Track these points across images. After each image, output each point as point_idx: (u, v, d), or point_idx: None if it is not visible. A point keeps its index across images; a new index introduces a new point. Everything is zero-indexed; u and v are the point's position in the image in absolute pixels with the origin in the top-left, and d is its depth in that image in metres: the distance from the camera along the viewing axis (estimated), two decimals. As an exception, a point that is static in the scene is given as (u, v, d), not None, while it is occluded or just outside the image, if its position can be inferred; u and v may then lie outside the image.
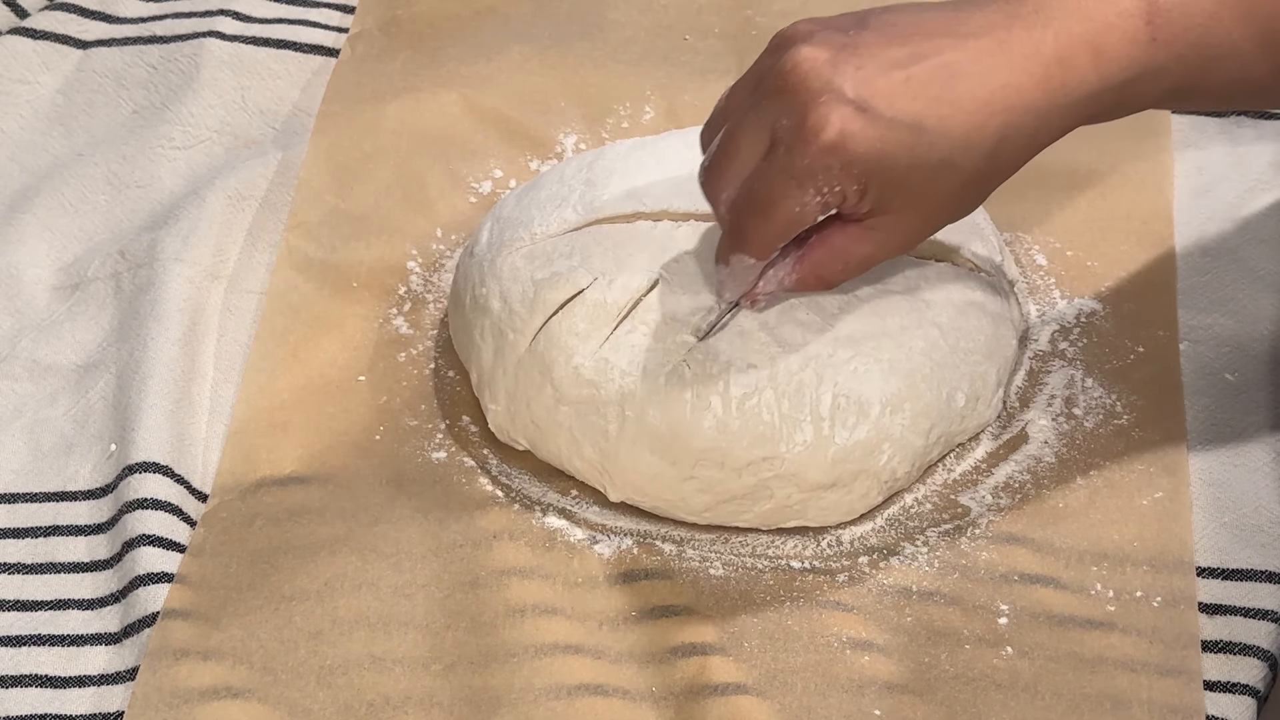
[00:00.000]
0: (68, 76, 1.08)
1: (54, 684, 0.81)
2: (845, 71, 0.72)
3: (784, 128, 0.73)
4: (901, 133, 0.72)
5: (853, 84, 0.72)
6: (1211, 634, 0.81)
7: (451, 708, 0.79)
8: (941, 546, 0.84)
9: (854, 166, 0.72)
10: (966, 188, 0.75)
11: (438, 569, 0.84)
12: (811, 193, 0.73)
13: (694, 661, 0.79)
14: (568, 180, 0.90)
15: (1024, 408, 0.90)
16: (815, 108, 0.72)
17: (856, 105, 0.72)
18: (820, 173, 0.73)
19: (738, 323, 0.83)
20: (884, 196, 0.74)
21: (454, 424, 0.90)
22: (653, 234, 0.86)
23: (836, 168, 0.72)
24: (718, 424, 0.82)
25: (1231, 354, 0.91)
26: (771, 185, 0.74)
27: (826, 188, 0.73)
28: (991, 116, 0.72)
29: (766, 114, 0.74)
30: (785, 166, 0.73)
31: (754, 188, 0.75)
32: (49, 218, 1.01)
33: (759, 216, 0.75)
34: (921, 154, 0.72)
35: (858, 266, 0.78)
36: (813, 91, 0.72)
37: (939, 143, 0.72)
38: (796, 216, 0.75)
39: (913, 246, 0.79)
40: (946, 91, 0.72)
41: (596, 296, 0.85)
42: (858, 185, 0.73)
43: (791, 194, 0.74)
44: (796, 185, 0.73)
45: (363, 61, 1.07)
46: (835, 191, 0.73)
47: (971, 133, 0.72)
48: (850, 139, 0.72)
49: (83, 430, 0.90)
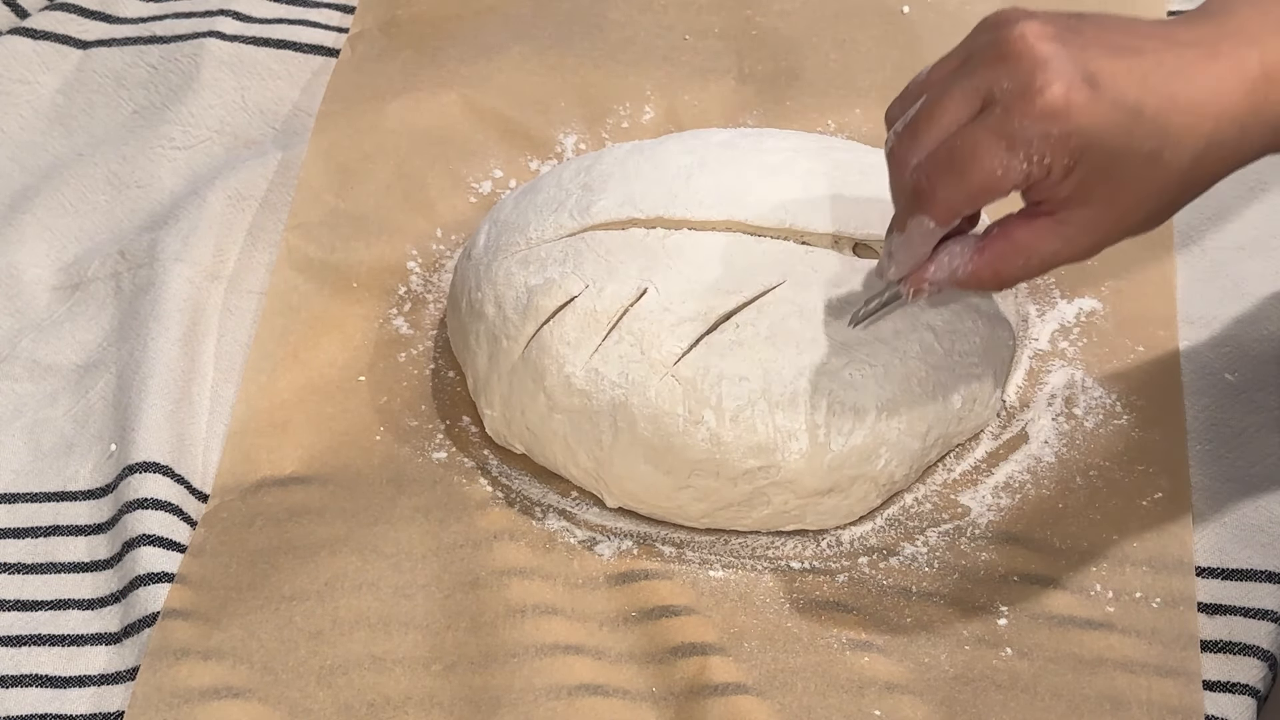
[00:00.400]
0: (68, 76, 1.08)
1: (54, 684, 0.81)
2: (1073, 46, 0.71)
3: (1004, 90, 0.71)
4: (1121, 115, 0.70)
5: (1082, 59, 0.70)
6: (1211, 634, 0.81)
7: (452, 708, 0.79)
8: (941, 546, 0.85)
9: (1071, 139, 0.70)
10: (1165, 190, 0.73)
11: (438, 569, 0.84)
12: (1020, 157, 0.71)
13: (694, 661, 0.79)
14: (565, 184, 0.90)
15: (1024, 408, 0.90)
16: (1043, 72, 0.70)
17: (1084, 77, 0.70)
18: (1036, 138, 0.70)
19: (730, 336, 0.83)
20: (1087, 181, 0.72)
21: (454, 424, 0.90)
22: (645, 241, 0.86)
23: (1054, 135, 0.70)
24: (711, 436, 0.82)
25: (1231, 354, 0.91)
26: (978, 142, 0.71)
27: (1037, 156, 0.71)
28: (1203, 120, 0.71)
29: (982, 79, 0.72)
30: (999, 125, 0.71)
31: (956, 145, 0.72)
32: (49, 218, 1.01)
33: (955, 173, 0.72)
34: (1136, 142, 0.71)
35: (1039, 265, 0.75)
36: (1040, 58, 0.70)
37: (1153, 133, 0.71)
38: (995, 181, 0.72)
39: (1096, 252, 0.75)
40: (1165, 86, 0.71)
41: (587, 305, 0.85)
42: (1069, 160, 0.71)
43: (998, 154, 0.71)
44: (1007, 146, 0.71)
45: (363, 61, 1.07)
46: (1044, 163, 0.71)
47: (1184, 130, 0.71)
48: (1075, 108, 0.70)
49: (83, 430, 0.90)
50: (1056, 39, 0.71)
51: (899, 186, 0.75)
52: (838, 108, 1.04)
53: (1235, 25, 0.72)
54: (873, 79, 1.05)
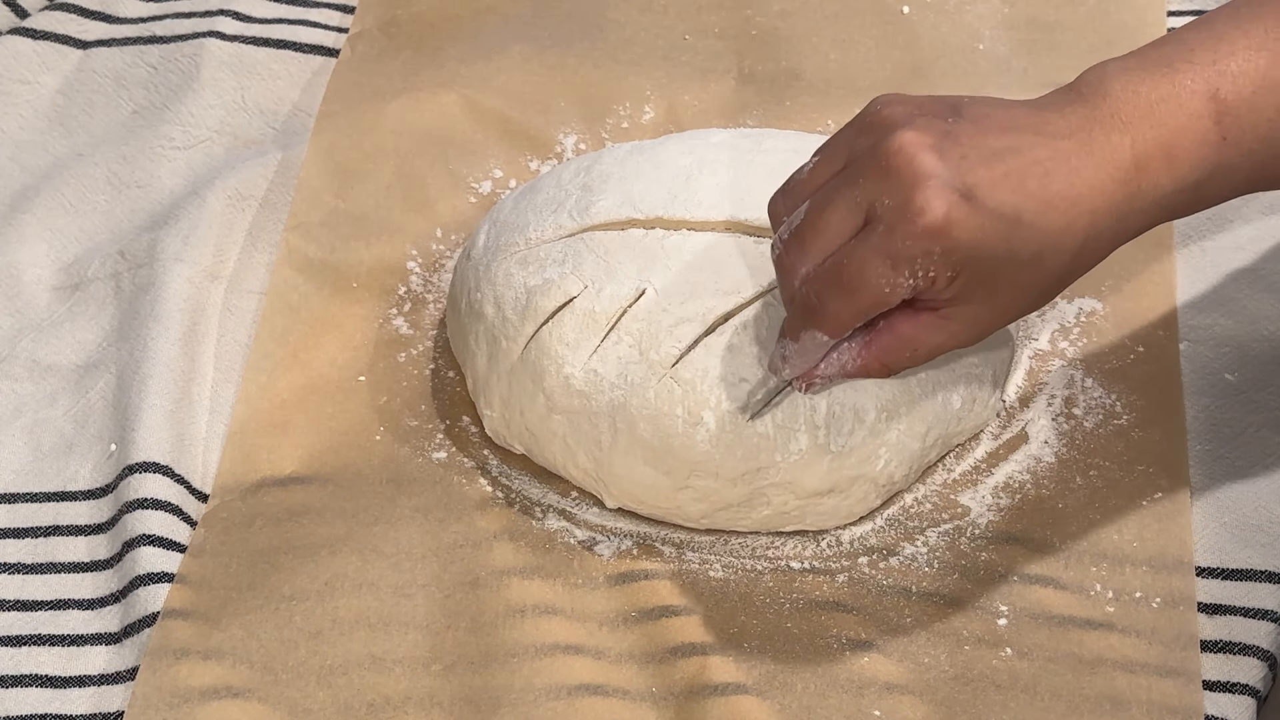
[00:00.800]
0: (68, 76, 1.08)
1: (54, 684, 0.81)
2: (951, 158, 0.72)
3: (886, 207, 0.72)
4: (1001, 224, 0.72)
5: (958, 171, 0.72)
6: (1211, 634, 0.81)
7: (452, 708, 0.79)
8: (941, 546, 0.84)
9: (953, 254, 0.72)
10: (1046, 285, 0.75)
11: (438, 569, 0.84)
12: (905, 275, 0.73)
13: (694, 661, 0.79)
14: (564, 184, 0.90)
15: (1024, 408, 0.90)
16: (921, 190, 0.71)
17: (962, 193, 0.71)
18: (919, 256, 0.72)
19: (730, 337, 0.83)
20: (970, 286, 0.74)
21: (454, 424, 0.90)
22: (644, 242, 0.86)
23: (937, 253, 0.72)
24: (711, 437, 0.82)
25: (1231, 354, 0.91)
26: (864, 264, 0.73)
27: (921, 272, 0.72)
28: (1079, 217, 0.73)
29: (864, 192, 0.73)
30: (882, 246, 0.72)
31: (842, 264, 0.74)
32: (49, 218, 1.01)
33: (844, 294, 0.74)
34: (1016, 247, 0.72)
35: (925, 356, 0.77)
36: (919, 175, 0.71)
37: (1032, 238, 0.72)
38: (883, 297, 0.74)
39: (979, 340, 0.78)
40: (1042, 189, 0.72)
41: (586, 305, 0.84)
42: (951, 272, 0.73)
43: (884, 274, 0.73)
44: (891, 266, 0.72)
45: (363, 61, 1.07)
46: (928, 276, 0.73)
47: (1062, 231, 0.73)
48: (955, 225, 0.71)
49: (83, 430, 0.90)
50: (934, 149, 0.72)
51: (788, 296, 0.77)
52: (838, 108, 1.04)
53: (1107, 110, 0.73)
54: (873, 79, 1.05)
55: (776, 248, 0.77)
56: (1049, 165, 0.72)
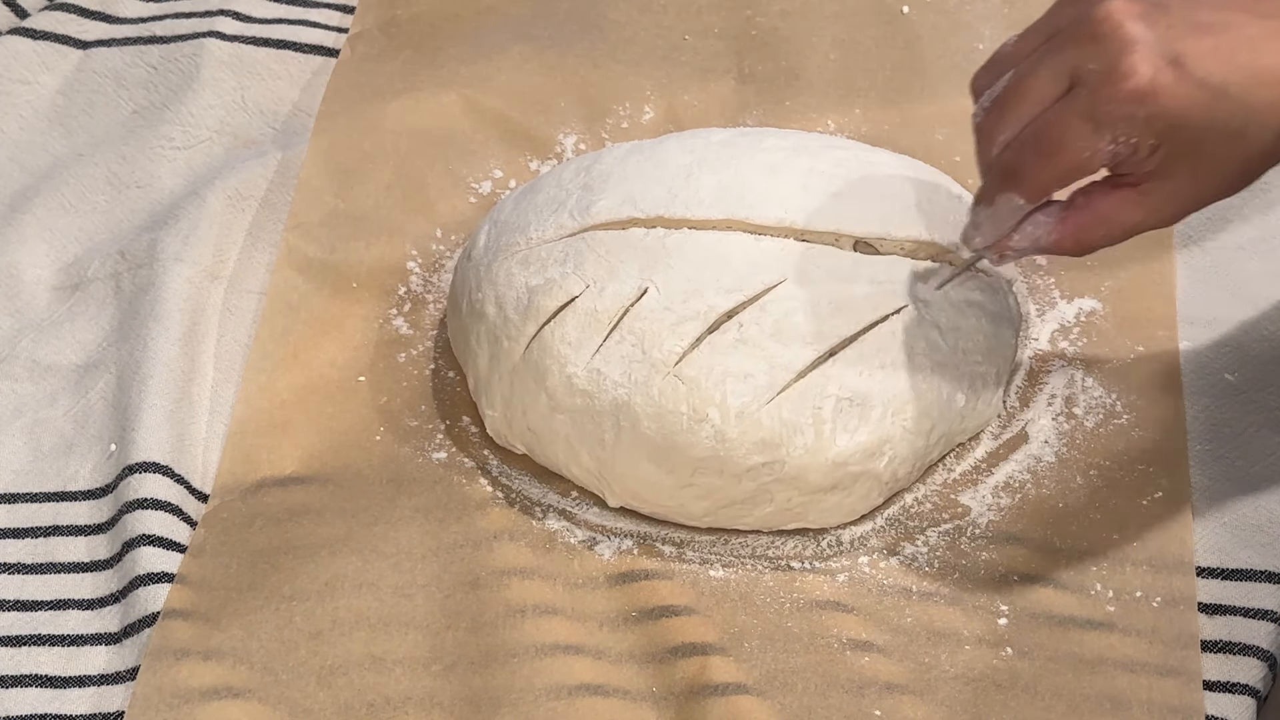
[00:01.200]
0: (68, 76, 1.08)
1: (54, 684, 0.81)
2: (1159, 27, 0.72)
3: (1091, 72, 0.72)
4: (1207, 95, 0.71)
5: (1167, 39, 0.71)
6: (1211, 634, 0.81)
7: (452, 708, 0.79)
8: (941, 546, 0.85)
9: (1157, 120, 0.72)
10: (1248, 163, 0.74)
11: (438, 569, 0.84)
12: (1107, 138, 0.72)
13: (694, 661, 0.79)
14: (565, 184, 0.90)
15: (1024, 407, 0.90)
16: (1129, 55, 0.71)
17: (1169, 60, 0.71)
18: (1122, 120, 0.72)
19: (734, 335, 0.83)
20: (1172, 158, 0.73)
21: (454, 425, 0.90)
22: (645, 241, 0.86)
23: (1141, 117, 0.72)
24: (715, 433, 0.82)
25: (1231, 354, 0.91)
26: (1066, 125, 0.73)
27: (1124, 136, 0.72)
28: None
29: (1068, 58, 0.73)
30: (1086, 109, 0.72)
31: (1044, 126, 0.74)
32: (49, 218, 1.01)
33: (1044, 155, 0.74)
34: (1221, 119, 0.72)
35: (1121, 234, 0.77)
36: (1126, 40, 0.71)
37: (1238, 111, 0.72)
38: (1084, 161, 0.73)
39: (1178, 220, 0.77)
40: (1251, 62, 0.72)
41: (588, 305, 0.84)
42: (1154, 140, 0.72)
43: (1086, 137, 0.72)
44: (1094, 129, 0.72)
45: (363, 61, 1.07)
46: (1130, 143, 0.72)
47: (1269, 106, 0.72)
48: (1161, 90, 0.71)
49: (83, 430, 0.90)
50: (1143, 18, 0.72)
51: (986, 161, 0.76)
52: (838, 108, 1.04)
53: None
54: (873, 79, 1.05)
55: (977, 115, 0.77)
56: (1258, 41, 0.72)
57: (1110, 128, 0.72)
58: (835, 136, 0.97)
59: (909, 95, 1.05)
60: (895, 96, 1.05)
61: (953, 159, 0.99)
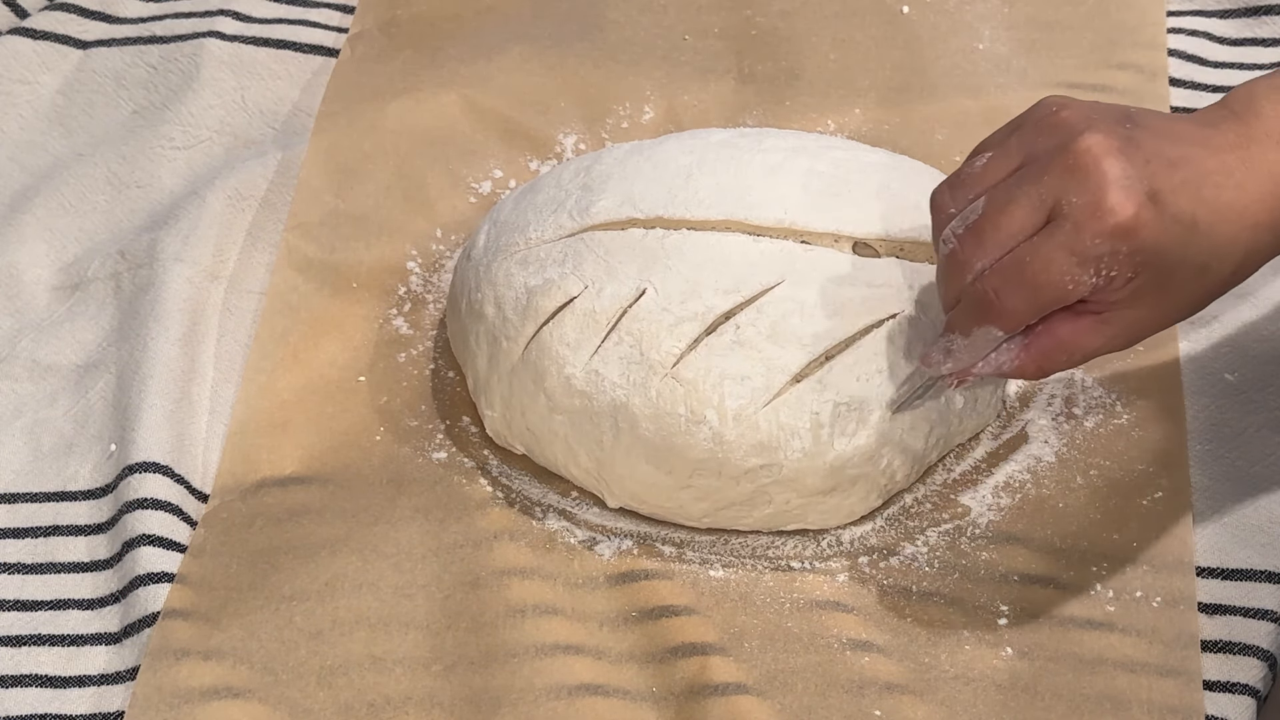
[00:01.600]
0: (68, 76, 1.08)
1: (54, 684, 0.81)
2: (1136, 162, 0.73)
3: (1074, 206, 0.73)
4: (1179, 230, 0.73)
5: (1145, 175, 0.73)
6: (1211, 634, 0.81)
7: (452, 708, 0.79)
8: (941, 546, 0.85)
9: (1138, 254, 0.73)
10: (1207, 294, 0.76)
11: (438, 569, 0.84)
12: (1090, 273, 0.73)
13: (694, 661, 0.79)
14: (564, 184, 0.90)
15: (1024, 407, 0.90)
16: (1113, 191, 0.72)
17: (1149, 195, 0.73)
18: (1106, 255, 0.73)
19: (731, 336, 0.83)
20: (1141, 290, 0.75)
21: (454, 425, 0.90)
22: (644, 242, 0.86)
23: (1124, 252, 0.73)
24: (713, 435, 0.82)
25: (1231, 354, 0.91)
26: (1050, 258, 0.73)
27: (1105, 270, 0.73)
28: (1244, 230, 0.74)
29: (1048, 190, 0.74)
30: (1069, 243, 0.73)
31: (1025, 260, 0.74)
32: (49, 218, 1.01)
33: (1026, 289, 0.74)
34: (1190, 254, 0.74)
35: (1080, 359, 0.78)
36: (1108, 176, 0.73)
37: (1205, 245, 0.74)
38: (1065, 294, 0.74)
39: (1134, 344, 0.78)
40: (1214, 198, 0.73)
41: (586, 305, 0.84)
42: (1131, 272, 0.74)
43: (1069, 271, 0.73)
44: (1078, 263, 0.73)
45: (363, 61, 1.07)
46: (1109, 275, 0.74)
47: (1230, 241, 0.74)
48: (1143, 226, 0.72)
49: (83, 430, 0.90)
50: (1122, 154, 0.73)
51: (958, 289, 0.77)
52: (838, 108, 1.04)
53: (1261, 129, 0.75)
54: (873, 79, 1.05)
55: (950, 242, 0.77)
56: (1218, 177, 0.73)
57: (1094, 262, 0.73)
58: (835, 137, 0.97)
59: (909, 95, 1.05)
60: (895, 96, 1.05)
61: (953, 159, 0.99)
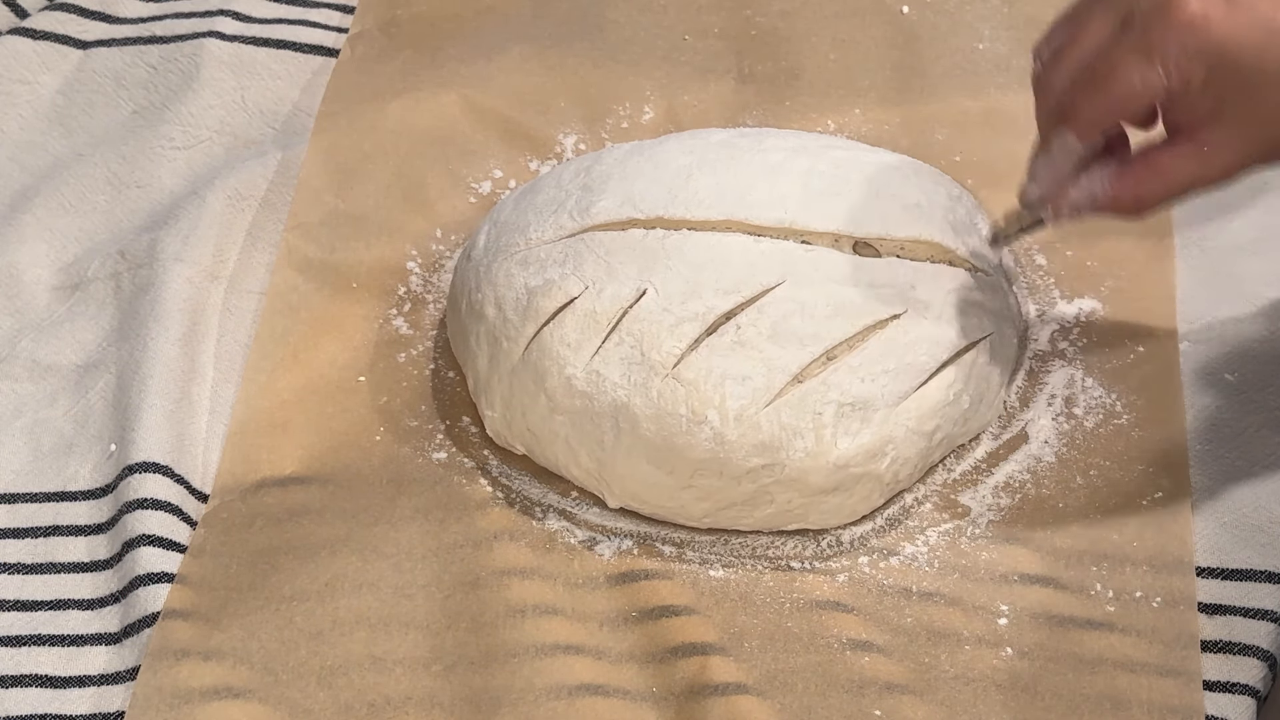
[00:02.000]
0: (68, 76, 1.08)
1: (54, 684, 0.81)
2: None
3: (1142, 7, 0.73)
4: (1257, 32, 0.72)
5: None
6: (1211, 634, 0.81)
7: (452, 708, 0.79)
8: (941, 546, 0.85)
9: (1207, 52, 0.73)
10: None
11: (438, 569, 0.84)
12: (1158, 69, 0.73)
13: (694, 661, 0.80)
14: (564, 185, 0.90)
15: (1024, 408, 0.90)
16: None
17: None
18: (1173, 49, 0.73)
19: (732, 337, 0.83)
20: (1223, 97, 0.74)
21: (454, 425, 0.90)
22: (645, 242, 0.86)
23: (1191, 48, 0.72)
24: (715, 436, 0.82)
25: (1231, 354, 0.91)
26: (1118, 58, 0.74)
27: (1174, 67, 0.73)
28: None
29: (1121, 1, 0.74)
30: (1136, 41, 0.73)
31: (1096, 61, 0.75)
32: (49, 218, 1.01)
33: (1095, 87, 0.75)
34: (1269, 59, 0.73)
35: (1178, 188, 0.77)
36: None
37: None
38: (1134, 92, 0.74)
39: (1232, 174, 0.77)
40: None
41: (587, 306, 0.84)
42: (1204, 73, 0.73)
43: (1136, 66, 0.73)
44: (1144, 58, 0.73)
45: (363, 61, 1.07)
46: (1180, 75, 0.73)
47: None
48: (1211, 23, 0.72)
49: (83, 430, 0.90)
50: None
51: (1046, 110, 0.77)
52: (838, 108, 1.04)
53: None
54: (873, 79, 1.06)
55: (1035, 70, 0.78)
56: None
57: (1161, 58, 0.73)
58: (835, 136, 0.97)
59: (909, 95, 1.05)
60: (895, 96, 1.05)
61: (953, 159, 0.99)
